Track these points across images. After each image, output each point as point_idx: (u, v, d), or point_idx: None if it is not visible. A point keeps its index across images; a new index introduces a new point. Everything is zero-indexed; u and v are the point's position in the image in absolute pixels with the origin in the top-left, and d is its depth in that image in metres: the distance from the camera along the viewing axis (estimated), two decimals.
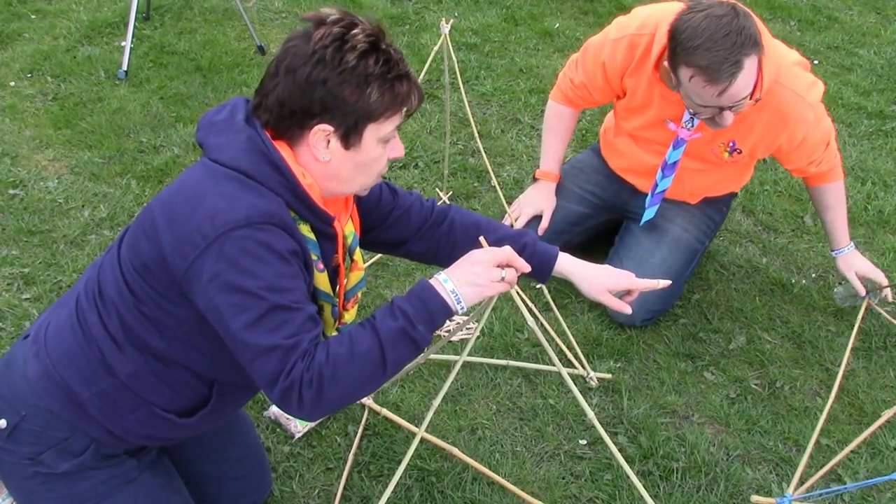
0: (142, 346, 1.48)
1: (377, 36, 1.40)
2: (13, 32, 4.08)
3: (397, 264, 2.78)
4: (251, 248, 1.32)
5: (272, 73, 1.40)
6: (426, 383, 2.34)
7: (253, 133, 1.40)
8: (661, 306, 2.54)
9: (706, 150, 2.41)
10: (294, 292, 1.36)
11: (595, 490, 2.08)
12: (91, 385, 1.49)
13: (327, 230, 1.49)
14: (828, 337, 2.58)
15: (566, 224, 2.69)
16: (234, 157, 1.38)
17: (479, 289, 1.44)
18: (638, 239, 2.58)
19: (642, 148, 2.54)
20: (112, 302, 1.48)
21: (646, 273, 2.46)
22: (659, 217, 2.55)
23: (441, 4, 4.67)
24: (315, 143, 1.41)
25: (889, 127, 3.72)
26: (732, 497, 2.09)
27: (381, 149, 1.48)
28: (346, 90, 1.37)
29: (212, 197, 1.35)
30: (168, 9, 4.37)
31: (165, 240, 1.36)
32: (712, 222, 2.64)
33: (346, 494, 2.03)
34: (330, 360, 1.35)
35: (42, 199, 2.98)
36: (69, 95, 3.61)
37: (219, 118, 1.44)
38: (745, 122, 2.28)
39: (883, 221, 3.12)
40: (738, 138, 2.34)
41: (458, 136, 3.50)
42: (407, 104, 1.45)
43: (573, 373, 2.39)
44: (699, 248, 2.59)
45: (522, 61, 4.11)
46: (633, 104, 2.44)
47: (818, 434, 2.24)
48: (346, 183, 1.49)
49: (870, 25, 4.71)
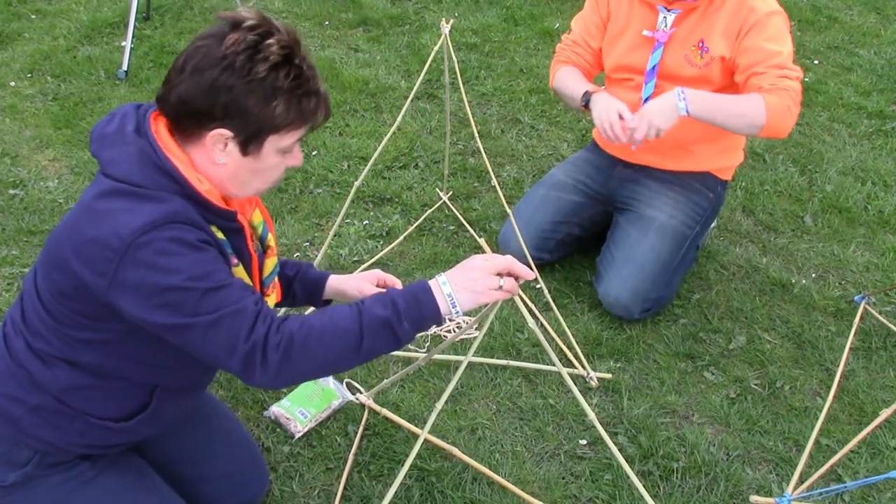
0: (73, 362, 1.48)
1: (291, 48, 1.37)
2: (13, 32, 4.09)
3: (396, 265, 2.78)
4: (163, 247, 1.31)
5: (178, 69, 1.37)
6: (426, 383, 2.34)
7: (144, 144, 1.37)
8: (656, 293, 2.54)
9: (682, 61, 2.44)
10: (217, 273, 1.36)
11: (595, 490, 2.08)
12: (23, 403, 1.50)
13: (233, 226, 1.48)
14: (828, 337, 2.58)
15: (564, 215, 2.72)
16: (129, 171, 1.36)
17: (476, 295, 1.43)
18: (626, 230, 2.61)
19: (622, 87, 2.59)
20: (35, 327, 1.48)
21: (636, 262, 2.52)
22: (645, 207, 2.60)
23: (441, 4, 4.67)
24: (212, 146, 1.39)
25: (889, 127, 3.72)
26: (732, 497, 2.09)
27: (280, 158, 1.45)
28: (251, 100, 1.35)
29: (112, 214, 1.33)
30: (168, 9, 4.38)
31: (78, 266, 1.35)
32: (699, 208, 2.63)
33: (346, 494, 2.03)
34: (304, 328, 1.36)
35: (42, 199, 2.98)
36: (69, 95, 3.62)
37: (109, 130, 1.41)
38: (710, 18, 2.39)
39: (883, 221, 3.12)
40: (706, 36, 2.40)
41: (458, 136, 3.50)
42: (312, 120, 1.43)
43: (573, 373, 2.39)
44: (688, 233, 2.60)
45: (522, 61, 4.11)
46: (614, 29, 2.56)
47: (818, 434, 2.24)
48: (241, 187, 1.48)
49: (870, 25, 4.71)
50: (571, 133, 3.59)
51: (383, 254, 2.80)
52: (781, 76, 2.31)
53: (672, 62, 2.46)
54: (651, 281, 2.51)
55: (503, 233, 2.79)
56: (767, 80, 2.31)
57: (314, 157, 3.30)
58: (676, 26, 2.43)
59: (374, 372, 2.36)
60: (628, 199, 2.66)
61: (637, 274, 2.51)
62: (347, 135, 3.46)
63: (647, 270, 2.51)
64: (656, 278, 2.52)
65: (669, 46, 2.46)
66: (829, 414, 2.31)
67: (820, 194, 3.25)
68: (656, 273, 2.52)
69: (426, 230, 2.95)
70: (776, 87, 2.29)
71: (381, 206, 3.07)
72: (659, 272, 2.52)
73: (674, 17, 2.43)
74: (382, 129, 3.49)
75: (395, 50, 4.17)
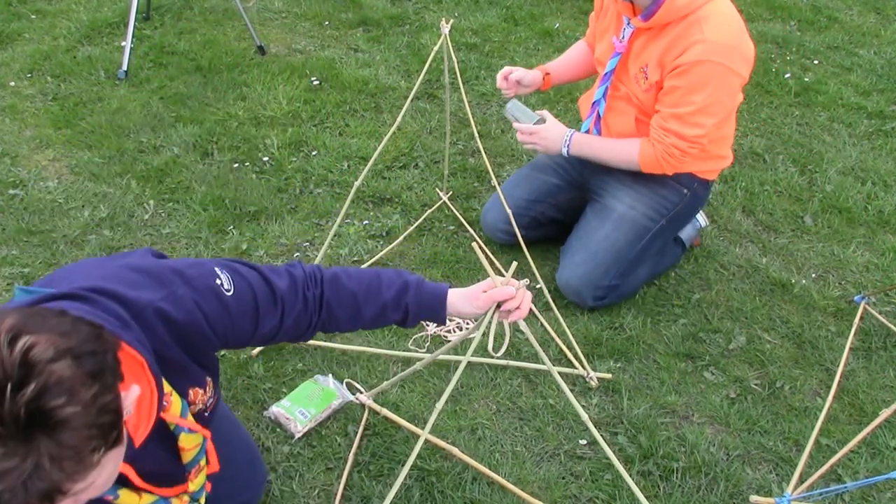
0: None
1: None
2: (13, 32, 4.09)
3: (396, 265, 2.78)
4: None
5: None
6: (426, 383, 2.34)
7: None
8: (608, 282, 2.56)
9: (631, 82, 2.47)
10: None
11: (595, 490, 2.08)
12: None
13: None
14: (828, 337, 2.58)
15: (540, 194, 2.80)
16: None
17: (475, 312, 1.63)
18: (587, 218, 2.69)
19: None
20: None
21: (590, 250, 2.59)
22: (609, 198, 2.65)
23: (441, 4, 4.67)
24: None
25: (889, 127, 3.72)
26: (732, 497, 2.09)
27: None
28: None
29: None
30: (168, 9, 4.38)
31: None
32: (667, 202, 2.60)
33: (346, 494, 2.03)
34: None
35: (42, 199, 2.98)
36: (69, 95, 3.62)
37: None
38: (655, 44, 2.36)
39: (883, 221, 3.12)
40: (650, 61, 2.40)
41: (458, 136, 3.50)
42: None
43: (573, 373, 2.39)
44: (650, 226, 2.60)
45: (522, 61, 4.11)
46: (602, 25, 2.60)
47: (818, 434, 2.24)
48: None
49: (870, 25, 4.71)
50: None
51: (383, 254, 2.80)
52: (669, 131, 2.38)
53: (630, 75, 2.48)
54: (604, 269, 2.55)
55: (484, 207, 2.91)
56: (656, 131, 2.43)
57: (314, 157, 3.30)
58: (631, 43, 2.45)
59: (374, 372, 2.36)
60: (597, 189, 2.71)
61: (589, 261, 2.56)
62: (347, 135, 3.46)
63: (599, 259, 2.55)
64: (609, 267, 2.55)
65: (628, 60, 2.47)
66: (829, 414, 2.31)
67: (820, 194, 3.25)
68: (609, 262, 2.55)
69: (426, 230, 2.95)
70: (659, 141, 2.42)
71: (380, 206, 3.07)
72: (612, 261, 2.55)
73: (630, 32, 2.43)
74: (382, 129, 3.49)
75: (395, 50, 4.17)
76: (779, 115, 3.78)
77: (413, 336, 2.50)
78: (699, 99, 2.30)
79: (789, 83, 4.03)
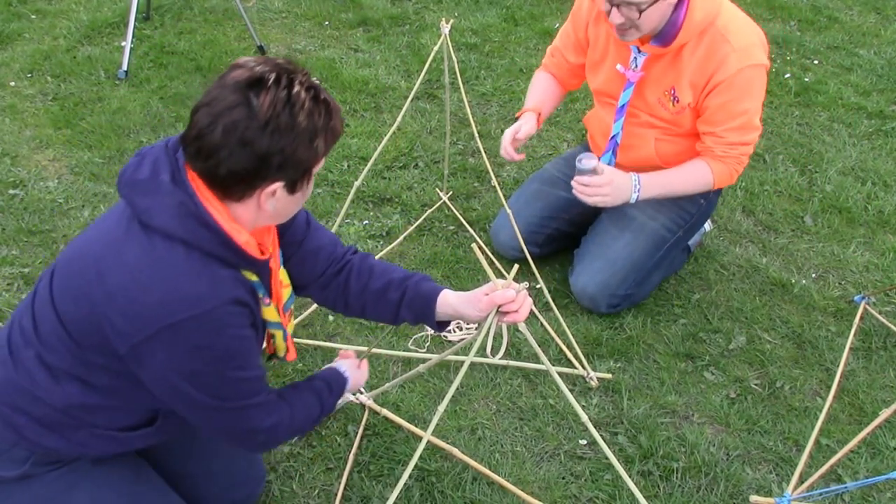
0: (86, 381, 1.47)
1: (313, 86, 1.40)
2: (13, 32, 4.09)
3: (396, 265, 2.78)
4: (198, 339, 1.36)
5: (218, 144, 1.34)
6: (426, 384, 2.34)
7: (184, 198, 1.37)
8: (624, 291, 2.55)
9: (655, 104, 2.45)
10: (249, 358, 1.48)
11: (595, 490, 2.08)
12: (26, 413, 1.50)
13: (265, 270, 1.52)
14: (828, 337, 2.58)
15: (554, 210, 2.74)
16: (169, 224, 1.36)
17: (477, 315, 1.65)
18: (605, 226, 2.65)
19: (603, 107, 2.61)
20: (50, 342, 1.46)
21: (608, 258, 2.55)
22: (629, 207, 2.59)
23: (441, 4, 4.67)
24: (264, 200, 1.41)
25: (889, 127, 3.72)
26: (732, 497, 2.09)
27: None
28: (300, 150, 1.38)
29: (158, 281, 1.34)
30: (168, 9, 4.38)
31: (103, 313, 1.36)
32: (686, 213, 2.62)
33: (346, 494, 2.03)
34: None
35: (42, 199, 2.98)
36: (69, 95, 3.62)
37: (141, 176, 1.39)
38: (679, 66, 2.35)
39: (883, 221, 3.12)
40: (676, 84, 2.38)
41: (458, 136, 3.50)
42: (339, 137, 1.48)
43: (573, 373, 2.39)
44: (668, 237, 2.60)
45: (522, 61, 4.11)
46: (594, 56, 2.55)
47: (818, 434, 2.24)
48: (281, 219, 1.53)
49: (870, 25, 4.71)
50: (571, 133, 3.59)
51: (383, 254, 2.80)
52: (734, 143, 2.39)
53: (650, 100, 2.45)
54: (621, 278, 2.54)
55: (495, 224, 2.83)
56: (720, 148, 2.42)
57: None
58: (646, 70, 2.40)
59: (374, 372, 2.36)
60: None
61: (607, 269, 2.54)
62: (347, 135, 3.46)
63: (617, 267, 2.53)
64: (626, 276, 2.54)
65: (645, 86, 2.43)
66: (829, 414, 2.31)
67: (820, 194, 3.25)
68: (627, 271, 2.54)
69: (426, 230, 2.95)
70: (727, 156, 2.42)
71: (381, 206, 3.07)
72: (630, 270, 2.54)
73: (643, 60, 2.38)
74: (382, 129, 3.49)
75: (394, 50, 4.17)
76: (779, 115, 3.78)
77: (413, 336, 2.50)
78: (749, 105, 2.34)
79: (789, 83, 4.03)
